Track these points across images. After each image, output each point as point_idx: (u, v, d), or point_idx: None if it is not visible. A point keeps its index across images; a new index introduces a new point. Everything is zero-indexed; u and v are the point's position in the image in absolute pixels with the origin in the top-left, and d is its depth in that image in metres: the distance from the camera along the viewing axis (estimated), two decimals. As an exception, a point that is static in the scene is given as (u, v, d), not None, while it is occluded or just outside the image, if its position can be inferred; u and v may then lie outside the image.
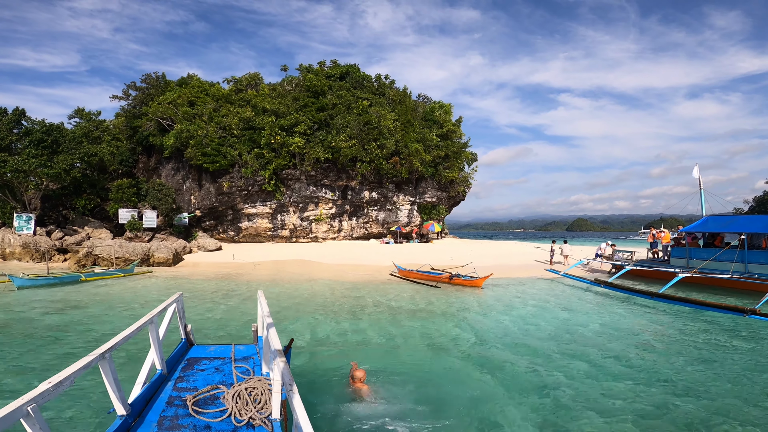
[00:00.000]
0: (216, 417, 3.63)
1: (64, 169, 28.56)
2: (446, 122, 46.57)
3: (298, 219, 38.95)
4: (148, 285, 18.61)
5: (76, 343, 9.07)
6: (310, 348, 8.82)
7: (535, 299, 14.88)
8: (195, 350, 5.57)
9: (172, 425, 3.50)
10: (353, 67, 46.68)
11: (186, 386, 4.30)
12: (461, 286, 17.23)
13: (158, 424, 3.52)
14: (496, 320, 11.73)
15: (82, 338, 9.48)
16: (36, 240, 28.72)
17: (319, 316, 11.98)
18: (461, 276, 17.88)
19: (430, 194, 44.61)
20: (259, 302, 5.41)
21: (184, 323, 5.74)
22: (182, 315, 5.69)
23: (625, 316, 12.13)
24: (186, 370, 4.77)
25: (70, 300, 14.47)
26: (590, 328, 10.68)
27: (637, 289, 15.60)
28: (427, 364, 7.96)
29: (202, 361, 5.11)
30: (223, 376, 4.56)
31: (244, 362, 5.01)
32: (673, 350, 8.72)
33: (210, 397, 3.99)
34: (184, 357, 5.28)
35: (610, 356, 8.24)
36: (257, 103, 38.17)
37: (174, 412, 3.74)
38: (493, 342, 9.40)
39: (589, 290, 17.17)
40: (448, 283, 17.77)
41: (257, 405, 3.74)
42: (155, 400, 3.98)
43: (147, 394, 4.00)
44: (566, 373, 7.26)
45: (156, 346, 4.42)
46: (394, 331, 10.32)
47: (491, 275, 17.58)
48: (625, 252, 22.45)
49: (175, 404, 3.88)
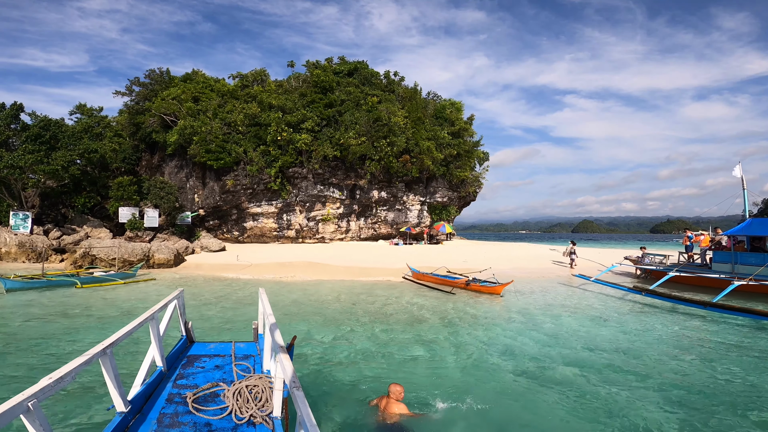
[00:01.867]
0: (216, 414, 3.57)
1: (62, 166, 27.39)
2: (458, 120, 45.15)
3: (305, 219, 37.64)
4: (148, 291, 17.34)
5: (47, 359, 7.75)
6: (320, 363, 7.47)
7: (567, 309, 13.41)
8: (195, 347, 5.50)
9: (172, 422, 3.45)
10: (361, 63, 45.39)
11: (186, 383, 4.25)
12: (478, 292, 15.80)
13: (158, 421, 3.46)
14: (527, 333, 10.29)
15: (61, 349, 8.16)
16: (33, 239, 27.56)
17: (329, 325, 10.61)
18: (479, 281, 16.43)
19: (440, 194, 43.17)
20: (261, 299, 5.32)
21: (184, 320, 5.68)
22: (183, 312, 5.65)
23: (680, 328, 10.65)
24: (186, 368, 4.71)
25: (58, 306, 13.19)
26: (645, 342, 9.22)
27: (686, 297, 14.08)
28: (461, 383, 6.68)
29: (202, 358, 5.05)
30: (223, 374, 4.50)
31: (244, 360, 4.94)
32: (757, 367, 7.25)
33: (210, 395, 3.93)
34: (184, 354, 5.22)
35: (686, 375, 6.79)
36: (263, 99, 36.94)
37: (174, 409, 3.68)
38: (535, 357, 7.98)
39: (623, 299, 15.68)
40: (464, 288, 16.32)
41: (258, 403, 3.68)
42: (155, 397, 3.92)
43: (147, 391, 3.94)
44: (636, 397, 5.83)
45: (156, 342, 4.33)
46: (416, 343, 8.92)
47: (512, 282, 16.07)
48: (656, 256, 20.89)
49: (175, 401, 3.83)
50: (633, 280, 20.24)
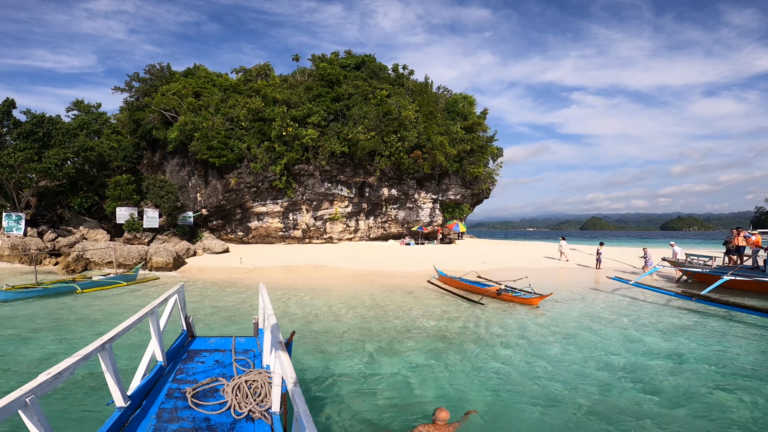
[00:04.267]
0: (215, 410, 3.51)
1: (56, 164, 25.87)
2: (471, 114, 43.16)
3: (312, 218, 35.95)
4: (150, 294, 15.73)
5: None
6: (342, 392, 5.74)
7: (614, 321, 11.57)
8: (196, 342, 5.44)
9: (171, 417, 3.40)
10: (369, 57, 43.48)
11: (186, 378, 4.19)
12: (511, 303, 13.97)
13: (157, 416, 3.42)
14: (583, 351, 8.48)
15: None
16: (26, 242, 26.15)
17: (346, 343, 8.87)
18: (512, 291, 14.61)
19: (453, 191, 41.26)
20: (261, 295, 5.26)
21: (185, 315, 5.63)
22: (183, 306, 5.60)
23: (747, 341, 8.78)
24: (186, 362, 4.66)
25: (55, 318, 11.58)
26: (719, 361, 7.38)
27: (749, 305, 12.21)
28: (527, 419, 5.04)
29: (202, 353, 5.00)
30: (223, 369, 4.45)
31: (244, 355, 4.90)
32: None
33: (210, 390, 3.88)
34: (184, 349, 5.16)
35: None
36: (267, 93, 35.21)
37: (173, 404, 3.63)
38: (608, 386, 6.19)
39: (668, 305, 13.81)
40: (494, 297, 14.49)
41: (257, 398, 3.60)
42: (155, 392, 3.86)
43: (147, 386, 3.89)
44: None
45: (156, 337, 4.28)
46: (450, 367, 7.16)
47: (551, 294, 14.17)
48: (702, 257, 18.89)
49: (174, 396, 3.78)
50: (667, 283, 18.31)
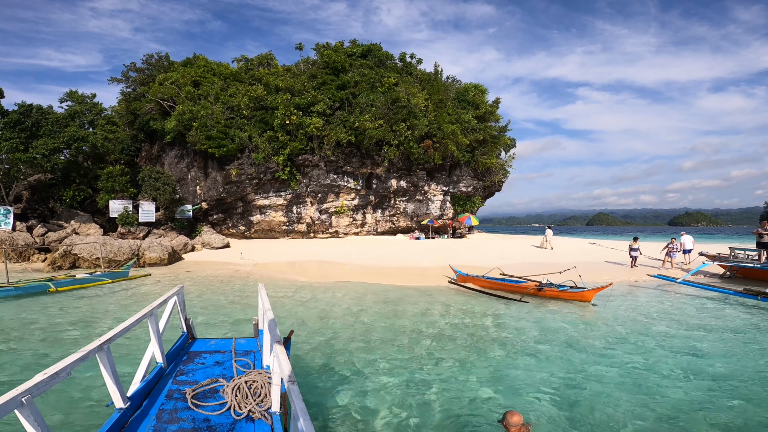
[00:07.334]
0: (215, 410, 3.49)
1: (43, 155, 24.27)
2: (482, 103, 41.12)
3: (316, 211, 34.19)
4: (135, 294, 14.06)
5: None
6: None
7: (678, 319, 9.70)
8: (196, 344, 5.36)
9: (171, 418, 3.37)
10: (375, 45, 41.47)
11: (186, 380, 4.15)
12: (557, 299, 12.11)
13: (157, 417, 3.40)
14: (655, 353, 6.63)
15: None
16: (14, 237, 24.59)
17: (362, 358, 7.09)
18: (556, 286, 12.72)
19: (465, 183, 39.30)
20: (260, 295, 5.21)
21: (185, 316, 5.56)
22: (183, 308, 5.53)
23: None
24: (186, 364, 4.61)
25: (18, 320, 9.94)
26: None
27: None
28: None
29: (202, 354, 4.92)
30: (223, 370, 4.40)
31: (245, 356, 4.83)
32: None
33: (209, 391, 3.86)
34: (184, 350, 5.10)
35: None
36: (269, 81, 33.43)
37: (173, 405, 3.61)
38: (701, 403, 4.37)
39: (725, 302, 11.97)
40: (534, 294, 12.62)
41: (257, 398, 3.57)
42: (155, 394, 3.84)
43: (146, 387, 3.87)
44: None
45: (156, 339, 4.22)
46: (495, 382, 5.34)
47: (611, 285, 12.16)
48: (748, 251, 16.92)
49: (174, 397, 3.76)
50: (710, 279, 16.37)
